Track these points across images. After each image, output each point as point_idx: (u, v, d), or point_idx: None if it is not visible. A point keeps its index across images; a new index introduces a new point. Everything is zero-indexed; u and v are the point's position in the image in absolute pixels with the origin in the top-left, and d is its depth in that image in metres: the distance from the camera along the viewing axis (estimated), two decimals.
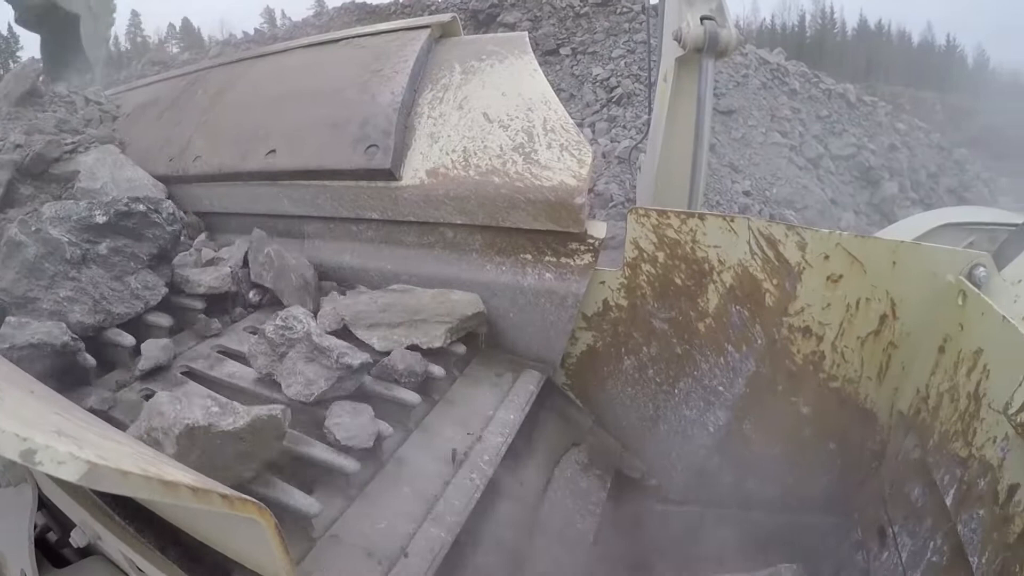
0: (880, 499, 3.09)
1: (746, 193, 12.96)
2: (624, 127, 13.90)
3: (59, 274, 2.63)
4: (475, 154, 3.10)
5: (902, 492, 2.91)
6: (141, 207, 2.86)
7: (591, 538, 2.81)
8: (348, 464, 2.19)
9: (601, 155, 12.77)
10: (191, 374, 2.69)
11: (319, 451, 2.22)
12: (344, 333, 2.86)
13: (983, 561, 2.21)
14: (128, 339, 2.69)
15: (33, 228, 2.66)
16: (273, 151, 3.49)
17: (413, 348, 2.78)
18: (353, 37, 3.91)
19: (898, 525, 2.87)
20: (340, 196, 3.34)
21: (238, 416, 1.91)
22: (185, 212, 3.83)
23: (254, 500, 1.17)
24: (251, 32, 27.80)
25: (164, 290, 2.89)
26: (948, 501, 2.50)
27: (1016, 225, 3.41)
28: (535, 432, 3.00)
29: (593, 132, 14.19)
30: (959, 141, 21.25)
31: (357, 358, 2.42)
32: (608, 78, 15.88)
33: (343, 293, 3.19)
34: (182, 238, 3.25)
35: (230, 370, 2.71)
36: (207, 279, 3.05)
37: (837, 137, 16.27)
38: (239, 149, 3.64)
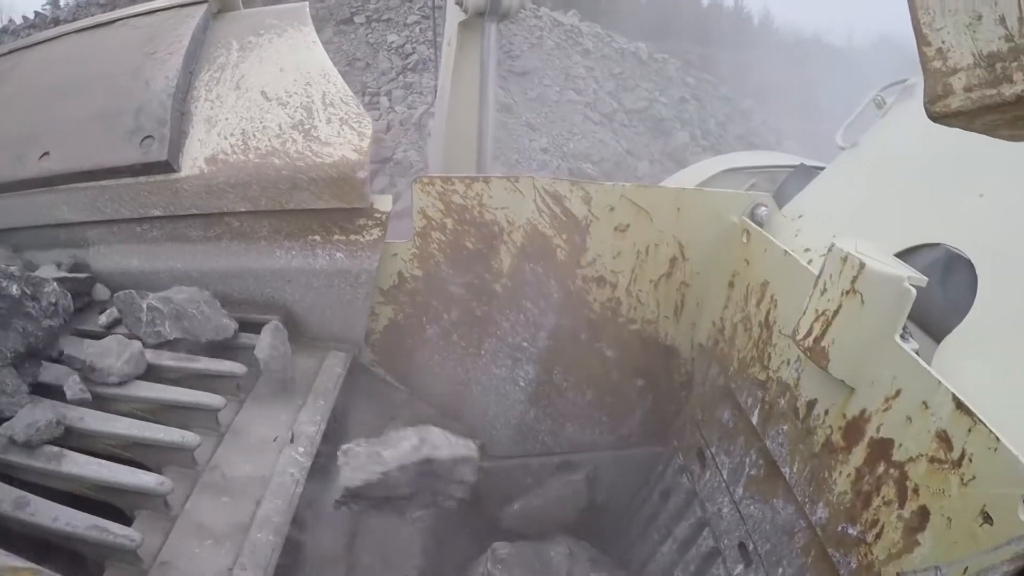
0: (695, 424, 3.33)
1: (544, 150, 13.39)
2: (420, 93, 13.84)
3: None
4: (254, 136, 2.93)
5: (713, 416, 3.16)
6: (14, 290, 2.15)
7: None
8: (161, 487, 2.04)
9: (399, 123, 12.70)
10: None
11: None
12: None
13: (794, 471, 2.45)
14: None
15: None
16: (47, 153, 3.10)
17: None
18: (128, 17, 3.52)
19: (714, 446, 3.11)
20: (120, 196, 3.04)
21: None
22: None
23: (29, 566, 1.07)
24: (32, 16, 24.90)
25: (27, 400, 2.20)
26: (754, 420, 2.74)
27: (794, 166, 3.75)
28: (349, 414, 2.96)
29: (390, 100, 14.03)
30: (746, 92, 22.94)
31: None
32: (403, 45, 15.70)
33: None
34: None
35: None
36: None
37: (630, 92, 17.09)
38: (10, 155, 3.23)
